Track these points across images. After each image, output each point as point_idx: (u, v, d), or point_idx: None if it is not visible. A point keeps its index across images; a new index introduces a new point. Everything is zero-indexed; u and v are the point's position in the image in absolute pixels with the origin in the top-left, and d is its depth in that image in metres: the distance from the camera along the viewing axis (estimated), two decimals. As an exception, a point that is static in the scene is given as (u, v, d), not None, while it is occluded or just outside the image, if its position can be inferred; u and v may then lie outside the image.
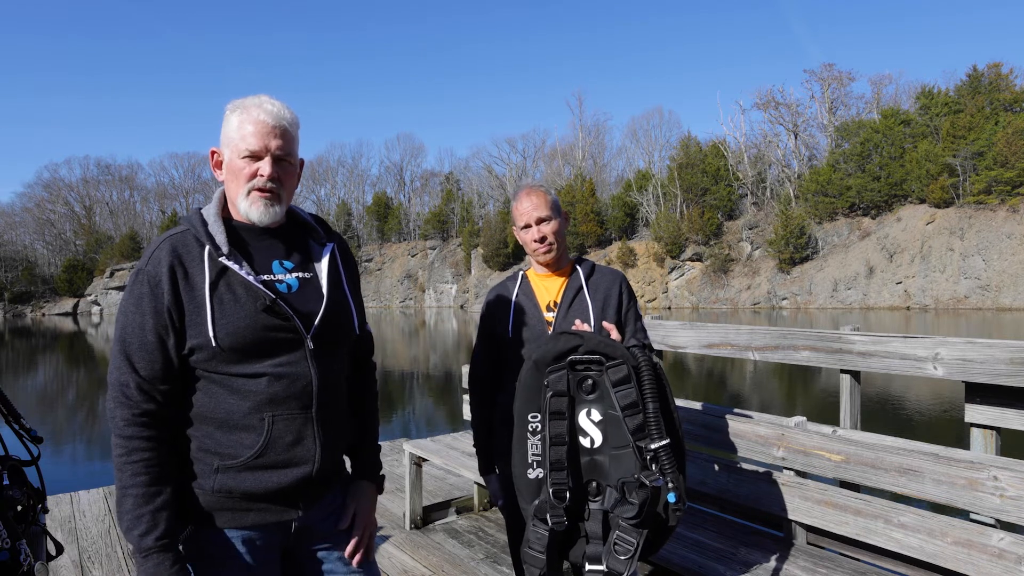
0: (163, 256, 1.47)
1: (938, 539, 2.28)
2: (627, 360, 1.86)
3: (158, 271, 1.46)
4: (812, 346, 3.27)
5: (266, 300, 1.48)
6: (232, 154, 1.53)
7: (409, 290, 77.93)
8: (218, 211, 1.56)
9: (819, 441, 2.69)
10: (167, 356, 1.46)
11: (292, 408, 1.51)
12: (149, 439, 1.43)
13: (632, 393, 1.83)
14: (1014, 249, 44.79)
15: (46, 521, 1.97)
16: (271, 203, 1.54)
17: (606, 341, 1.90)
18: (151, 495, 1.42)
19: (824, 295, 51.47)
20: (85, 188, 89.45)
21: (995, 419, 2.65)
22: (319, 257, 1.64)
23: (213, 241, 1.49)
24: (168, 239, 1.51)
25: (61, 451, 10.31)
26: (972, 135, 48.50)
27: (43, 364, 26.41)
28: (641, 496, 1.77)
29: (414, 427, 11.57)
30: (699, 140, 65.15)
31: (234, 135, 1.52)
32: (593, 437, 1.89)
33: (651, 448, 1.80)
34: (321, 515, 1.64)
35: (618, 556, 1.78)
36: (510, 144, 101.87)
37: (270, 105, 1.53)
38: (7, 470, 1.88)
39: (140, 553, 1.40)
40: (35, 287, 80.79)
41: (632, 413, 1.82)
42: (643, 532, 1.79)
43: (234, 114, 1.54)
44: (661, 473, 1.80)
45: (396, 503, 4.70)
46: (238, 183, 1.53)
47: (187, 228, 1.53)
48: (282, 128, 1.53)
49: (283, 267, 1.58)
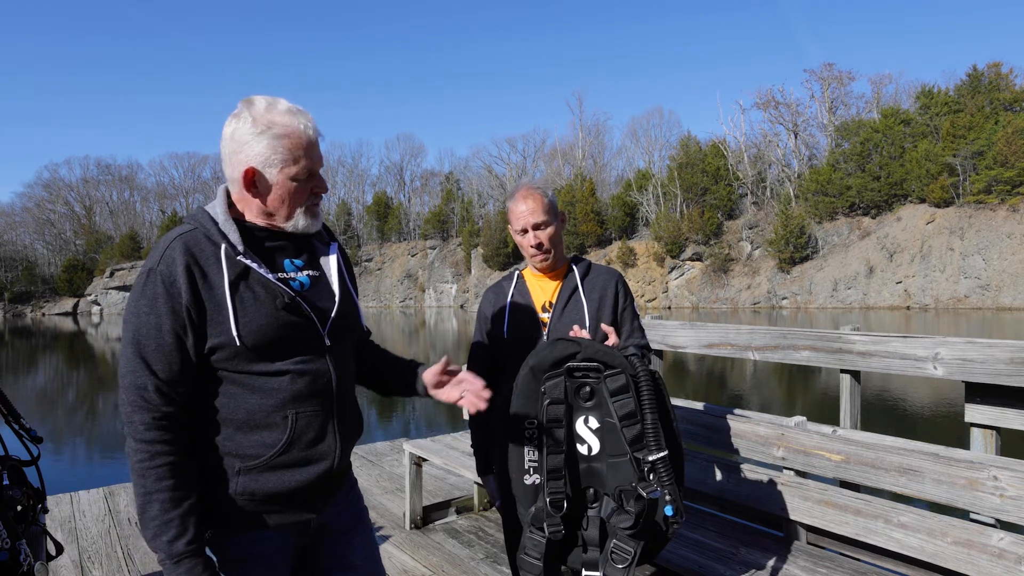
0: (177, 255, 1.44)
1: (938, 539, 2.28)
2: (625, 369, 1.84)
3: (173, 270, 1.43)
4: (812, 346, 3.27)
5: (285, 298, 1.48)
6: (283, 175, 1.49)
7: (409, 290, 77.92)
8: (226, 210, 1.54)
9: (819, 441, 2.69)
10: (186, 356, 1.43)
11: (314, 404, 1.52)
12: (171, 442, 1.41)
13: (630, 403, 1.81)
14: (1014, 249, 44.79)
15: (46, 521, 1.97)
16: (319, 212, 1.59)
17: (604, 349, 1.88)
18: (178, 499, 1.39)
19: (824, 295, 51.46)
20: (85, 188, 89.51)
21: (995, 419, 2.65)
22: (326, 255, 1.66)
23: (228, 240, 1.48)
24: (179, 238, 1.48)
25: (61, 451, 10.31)
26: (972, 135, 48.51)
27: (43, 364, 26.40)
28: (638, 507, 1.75)
29: (414, 427, 11.57)
30: (699, 140, 65.28)
31: (286, 157, 1.48)
32: (591, 444, 1.88)
33: (649, 460, 1.79)
34: (335, 511, 1.65)
35: (615, 565, 1.78)
36: (510, 144, 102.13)
37: (305, 118, 1.51)
38: (7, 470, 1.88)
39: (171, 559, 1.38)
40: (35, 287, 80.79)
41: (630, 423, 1.81)
42: (640, 542, 1.78)
43: (270, 132, 1.47)
44: (659, 485, 1.78)
45: (396, 503, 4.70)
46: (296, 200, 1.52)
47: (195, 227, 1.50)
48: (318, 139, 1.55)
49: (294, 265, 1.58)
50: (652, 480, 1.79)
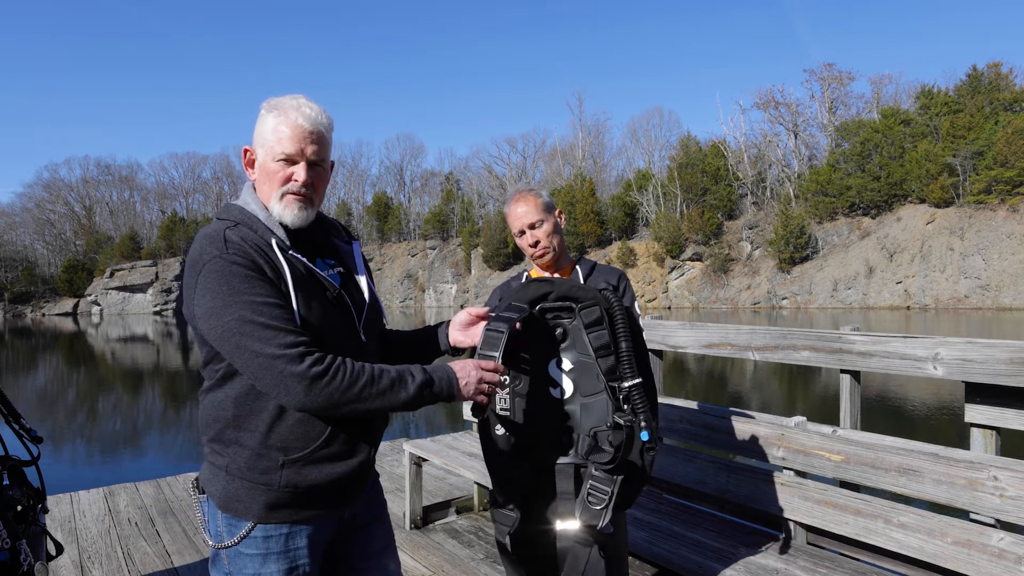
0: (243, 244, 1.43)
1: (938, 539, 2.28)
2: (599, 302, 1.85)
3: (247, 252, 1.42)
4: (812, 346, 3.26)
5: (333, 292, 1.52)
6: (267, 156, 1.52)
7: (409, 290, 77.93)
8: (263, 207, 1.54)
9: (819, 441, 2.69)
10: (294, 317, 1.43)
11: None
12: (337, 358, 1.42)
13: (605, 335, 1.82)
14: (1014, 249, 44.79)
15: (46, 521, 1.97)
16: (304, 207, 1.54)
17: (577, 285, 1.89)
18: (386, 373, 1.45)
19: (824, 295, 51.46)
20: (85, 188, 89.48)
21: (995, 419, 2.65)
22: (349, 254, 1.68)
23: (276, 235, 1.49)
24: (231, 230, 1.46)
25: (61, 451, 10.31)
26: (972, 135, 48.51)
27: (43, 364, 26.41)
28: (616, 439, 1.73)
29: (414, 427, 11.57)
30: (699, 140, 65.33)
31: (270, 137, 1.51)
32: (564, 387, 1.88)
33: (624, 387, 1.79)
34: (362, 504, 1.68)
35: (592, 507, 1.74)
36: (510, 144, 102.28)
37: (308, 109, 1.52)
38: (7, 470, 1.88)
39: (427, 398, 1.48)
40: (35, 287, 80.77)
41: (605, 355, 1.81)
42: (617, 480, 1.75)
43: (271, 114, 1.52)
44: (634, 412, 1.77)
45: (396, 503, 4.70)
46: (272, 185, 1.53)
47: (237, 223, 1.49)
48: (318, 134, 1.53)
49: (326, 264, 1.61)
50: (627, 409, 1.78)
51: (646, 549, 2.75)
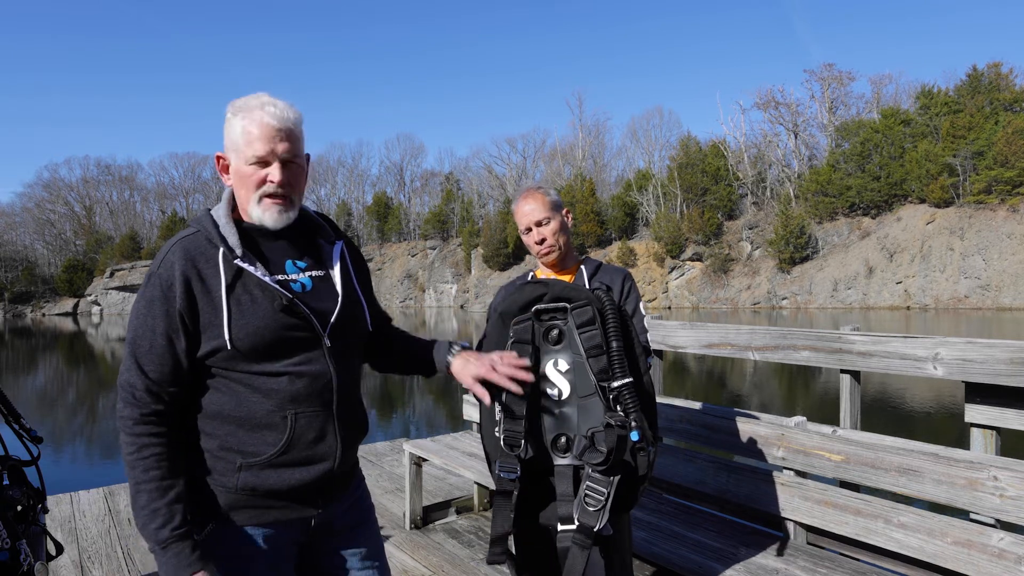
0: (175, 260, 1.47)
1: (938, 539, 2.28)
2: (592, 302, 1.85)
3: (170, 275, 1.46)
4: (812, 346, 3.26)
5: (283, 300, 1.49)
6: (239, 160, 1.51)
7: (409, 290, 77.92)
8: (228, 212, 1.55)
9: (819, 441, 2.69)
10: (176, 359, 1.46)
11: (314, 405, 1.52)
12: (158, 435, 1.45)
13: (597, 335, 1.82)
14: (1014, 249, 44.80)
15: (46, 521, 1.97)
16: (284, 209, 1.53)
17: (571, 286, 1.90)
18: (164, 488, 1.43)
19: (824, 295, 51.47)
20: (85, 188, 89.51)
21: (995, 419, 2.65)
22: (330, 255, 1.65)
23: (226, 243, 1.49)
24: (180, 242, 1.50)
25: (61, 451, 10.31)
26: (972, 135, 48.52)
27: (43, 364, 26.41)
28: (608, 439, 1.73)
29: (414, 427, 11.57)
30: (699, 140, 65.30)
31: (239, 140, 1.49)
32: (561, 389, 1.88)
33: (614, 387, 1.78)
34: (340, 509, 1.66)
35: (588, 509, 1.74)
36: (510, 144, 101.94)
37: (273, 107, 1.50)
38: (7, 470, 1.88)
39: (159, 545, 1.41)
40: (35, 287, 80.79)
41: (596, 355, 1.81)
42: (613, 481, 1.75)
43: (236, 118, 1.50)
44: (624, 413, 1.76)
45: (396, 503, 4.70)
46: (248, 189, 1.51)
47: (198, 230, 1.51)
48: (288, 130, 1.50)
49: (296, 267, 1.58)
50: (618, 410, 1.78)
51: (646, 549, 2.75)
